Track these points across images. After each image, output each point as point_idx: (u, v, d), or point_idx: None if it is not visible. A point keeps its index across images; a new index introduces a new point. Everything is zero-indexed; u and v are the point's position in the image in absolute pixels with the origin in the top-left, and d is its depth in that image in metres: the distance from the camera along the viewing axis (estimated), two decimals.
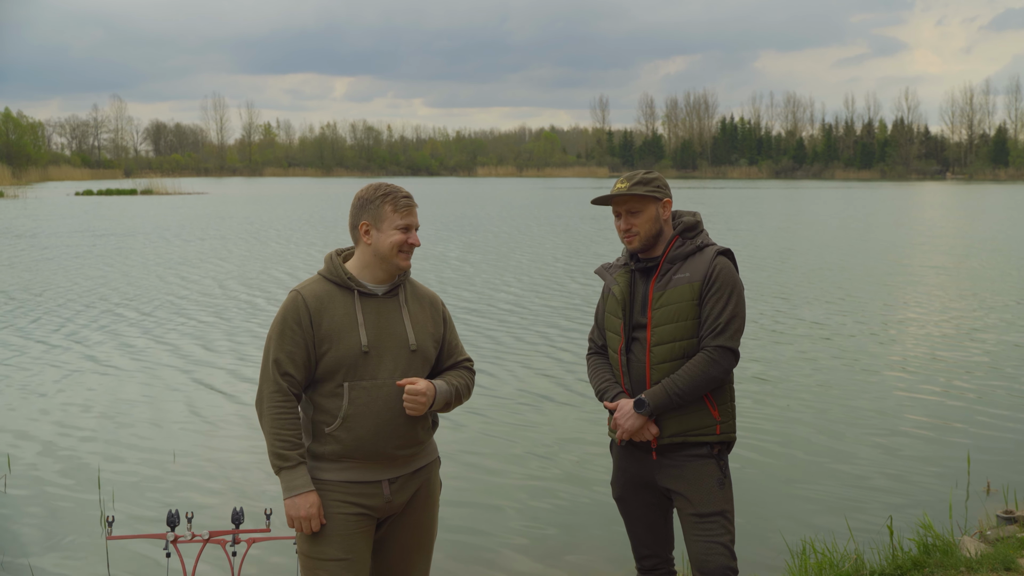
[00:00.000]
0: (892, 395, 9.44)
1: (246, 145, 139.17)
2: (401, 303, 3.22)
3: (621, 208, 3.50)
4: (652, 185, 3.49)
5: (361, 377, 3.09)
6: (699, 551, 3.37)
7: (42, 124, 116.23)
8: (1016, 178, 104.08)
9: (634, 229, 3.48)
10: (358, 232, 3.18)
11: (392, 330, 3.16)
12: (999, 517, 5.85)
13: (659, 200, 3.49)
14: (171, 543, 3.79)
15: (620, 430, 3.44)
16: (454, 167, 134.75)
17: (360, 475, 3.12)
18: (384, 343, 3.13)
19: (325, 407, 3.11)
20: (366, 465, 3.12)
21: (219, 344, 12.02)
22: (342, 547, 3.08)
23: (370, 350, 3.10)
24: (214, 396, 9.45)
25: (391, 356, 3.13)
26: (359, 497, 3.12)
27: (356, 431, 3.08)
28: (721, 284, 3.40)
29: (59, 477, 7.08)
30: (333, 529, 3.09)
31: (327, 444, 3.11)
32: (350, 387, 3.08)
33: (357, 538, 3.11)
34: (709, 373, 3.36)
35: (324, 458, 3.13)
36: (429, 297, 3.34)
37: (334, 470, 3.12)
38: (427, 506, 3.29)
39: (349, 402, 3.08)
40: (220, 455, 7.61)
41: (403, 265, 3.18)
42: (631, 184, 3.48)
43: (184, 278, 18.62)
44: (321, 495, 3.11)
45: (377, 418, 3.09)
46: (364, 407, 3.08)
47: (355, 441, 3.09)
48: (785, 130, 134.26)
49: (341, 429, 3.09)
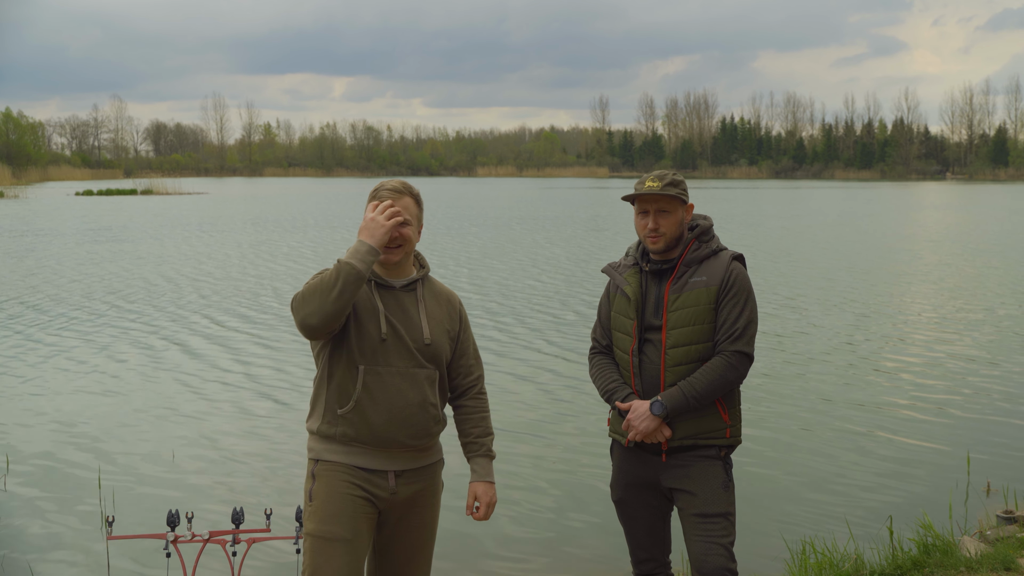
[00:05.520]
0: (892, 395, 9.44)
1: (246, 145, 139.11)
2: (419, 298, 3.25)
3: (651, 207, 3.47)
4: (681, 188, 3.49)
5: (377, 363, 3.13)
6: (699, 551, 3.37)
7: (42, 124, 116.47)
8: (1016, 178, 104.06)
9: (661, 229, 3.46)
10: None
11: (408, 323, 3.20)
12: (999, 517, 5.85)
13: (685, 204, 3.50)
14: (171, 543, 3.79)
15: (633, 431, 3.43)
16: (454, 167, 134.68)
17: (368, 462, 3.15)
18: (400, 334, 3.17)
19: (341, 385, 3.13)
20: (375, 452, 3.15)
21: (220, 344, 12.02)
22: (348, 527, 3.09)
23: (387, 339, 3.14)
24: (214, 396, 9.45)
25: (406, 347, 3.17)
26: (365, 483, 3.14)
27: (368, 416, 3.12)
28: (738, 289, 3.42)
29: (59, 477, 7.08)
30: (340, 508, 3.10)
31: (338, 426, 3.14)
32: (365, 371, 3.12)
33: (361, 521, 3.13)
34: (726, 377, 3.37)
35: (334, 440, 3.15)
36: (447, 295, 3.38)
37: (343, 453, 3.15)
38: (430, 506, 3.30)
39: (363, 385, 3.11)
40: (220, 455, 7.60)
41: (392, 259, 3.19)
42: (664, 184, 3.46)
43: (184, 278, 18.61)
44: (329, 475, 3.13)
45: (390, 404, 3.13)
46: (378, 392, 3.12)
47: (366, 426, 3.12)
48: (785, 130, 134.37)
49: (353, 412, 3.12)
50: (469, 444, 3.43)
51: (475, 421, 3.43)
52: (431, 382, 3.22)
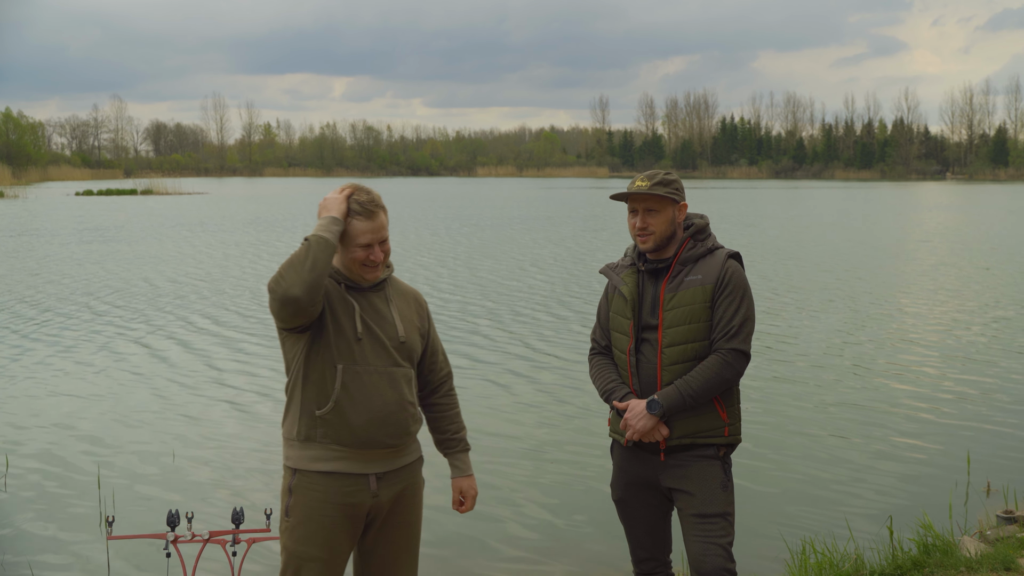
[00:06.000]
0: (892, 394, 9.44)
1: (246, 145, 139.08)
2: (388, 297, 3.28)
3: (639, 206, 3.49)
4: (672, 187, 3.49)
5: (355, 362, 3.13)
6: (698, 551, 3.37)
7: (42, 124, 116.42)
8: (1016, 178, 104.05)
9: (650, 228, 3.47)
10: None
11: (382, 321, 3.21)
12: (999, 517, 5.85)
13: (677, 203, 3.50)
14: (171, 543, 3.79)
15: (631, 430, 3.43)
16: (454, 167, 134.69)
17: (349, 467, 3.13)
18: (375, 332, 3.18)
19: (318, 385, 3.12)
20: (355, 455, 3.13)
21: (219, 343, 12.02)
22: (323, 546, 3.11)
23: (363, 338, 3.15)
24: (214, 395, 9.45)
25: (382, 345, 3.18)
26: (345, 496, 3.13)
27: (348, 416, 3.11)
28: (734, 287, 3.42)
29: (59, 477, 7.08)
30: (317, 528, 3.10)
31: (318, 427, 3.12)
32: (344, 370, 3.11)
33: (340, 537, 3.13)
34: (722, 375, 3.38)
35: (314, 442, 3.13)
36: (412, 294, 3.42)
37: (323, 460, 3.12)
38: (413, 505, 3.31)
39: (342, 385, 3.10)
40: (220, 455, 7.60)
41: (368, 277, 3.21)
42: (652, 183, 3.48)
43: (185, 277, 18.62)
44: (307, 492, 3.12)
45: (369, 404, 3.12)
46: (357, 392, 3.11)
47: (346, 428, 3.11)
48: (785, 130, 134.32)
49: (333, 413, 3.11)
50: (446, 441, 3.46)
51: (450, 418, 3.46)
52: (408, 381, 3.24)
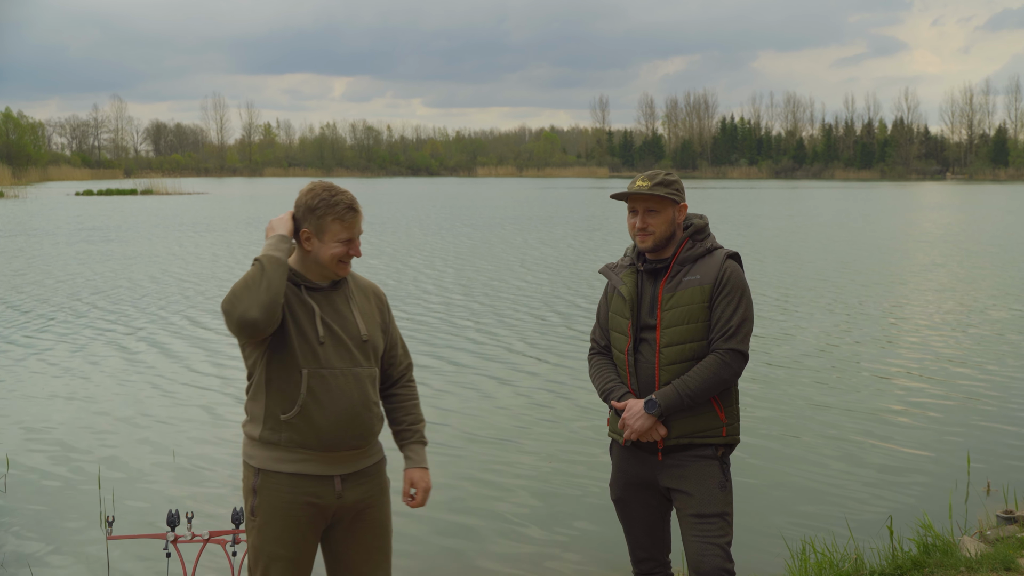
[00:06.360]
0: (892, 395, 9.44)
1: (246, 145, 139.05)
2: (348, 295, 3.26)
3: (639, 206, 3.50)
4: (672, 188, 3.50)
5: (320, 366, 3.12)
6: (696, 551, 3.37)
7: (42, 124, 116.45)
8: (1016, 178, 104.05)
9: (650, 228, 3.48)
10: (299, 236, 3.18)
11: (343, 321, 3.20)
12: (999, 517, 5.85)
13: (677, 203, 3.50)
14: (171, 543, 3.80)
15: (628, 430, 3.44)
16: (454, 167, 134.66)
17: (314, 468, 3.13)
18: (337, 334, 3.17)
19: (283, 390, 3.11)
20: (320, 457, 3.13)
21: (219, 343, 12.01)
22: (291, 545, 3.12)
23: (325, 341, 3.14)
24: (214, 395, 9.44)
25: (345, 346, 3.17)
26: (310, 496, 3.13)
27: (314, 420, 3.10)
28: (732, 287, 3.42)
29: (59, 477, 7.08)
30: (283, 528, 3.11)
31: (282, 431, 3.12)
32: (309, 375, 3.10)
33: (307, 536, 3.14)
34: (720, 375, 3.38)
35: (279, 446, 3.13)
36: (371, 288, 3.41)
37: (288, 462, 3.12)
38: (380, 504, 3.31)
39: (307, 390, 3.10)
40: (220, 455, 7.60)
41: (341, 274, 3.21)
42: (652, 184, 3.48)
43: (184, 277, 18.62)
44: (272, 491, 3.13)
45: (336, 406, 3.12)
46: (323, 395, 3.11)
47: (312, 431, 3.10)
48: (785, 130, 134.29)
49: (299, 417, 3.10)
50: (402, 432, 3.44)
51: (407, 409, 3.45)
52: (372, 381, 3.24)
